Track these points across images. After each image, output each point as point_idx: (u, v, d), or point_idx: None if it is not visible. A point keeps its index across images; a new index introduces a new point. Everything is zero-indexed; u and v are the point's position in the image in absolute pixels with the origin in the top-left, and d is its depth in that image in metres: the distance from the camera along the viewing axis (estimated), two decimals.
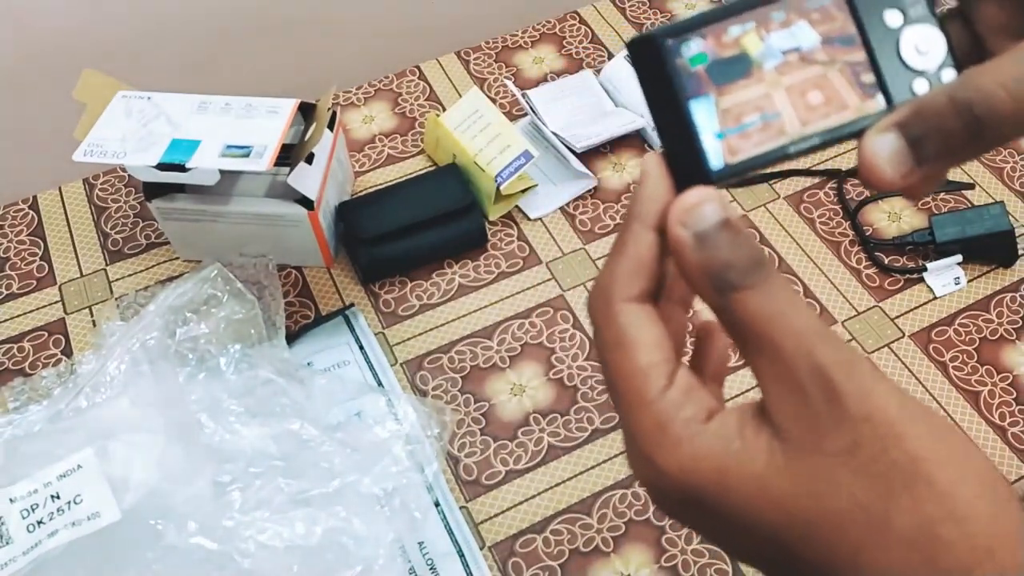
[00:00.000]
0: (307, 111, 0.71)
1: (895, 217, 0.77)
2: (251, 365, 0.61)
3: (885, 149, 0.26)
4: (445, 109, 0.86)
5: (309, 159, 0.70)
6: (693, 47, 0.28)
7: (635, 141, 0.84)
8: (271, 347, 0.64)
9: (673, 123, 0.28)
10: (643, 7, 0.97)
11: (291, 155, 0.69)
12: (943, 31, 0.29)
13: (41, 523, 0.49)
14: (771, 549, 0.24)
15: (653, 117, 0.29)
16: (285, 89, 0.77)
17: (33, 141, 0.98)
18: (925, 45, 0.29)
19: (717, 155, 0.28)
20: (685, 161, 0.28)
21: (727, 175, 0.28)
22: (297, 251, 0.73)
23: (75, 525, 0.49)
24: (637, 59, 0.29)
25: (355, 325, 0.71)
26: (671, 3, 0.97)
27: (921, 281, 0.73)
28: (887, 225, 0.77)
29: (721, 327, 0.27)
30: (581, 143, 0.80)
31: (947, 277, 0.73)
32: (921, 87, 0.29)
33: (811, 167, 0.80)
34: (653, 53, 0.28)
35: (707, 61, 0.28)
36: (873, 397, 0.23)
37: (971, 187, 0.78)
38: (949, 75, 0.29)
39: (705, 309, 0.27)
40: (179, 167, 0.64)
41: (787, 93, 0.28)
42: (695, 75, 0.28)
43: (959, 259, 0.73)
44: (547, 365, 0.69)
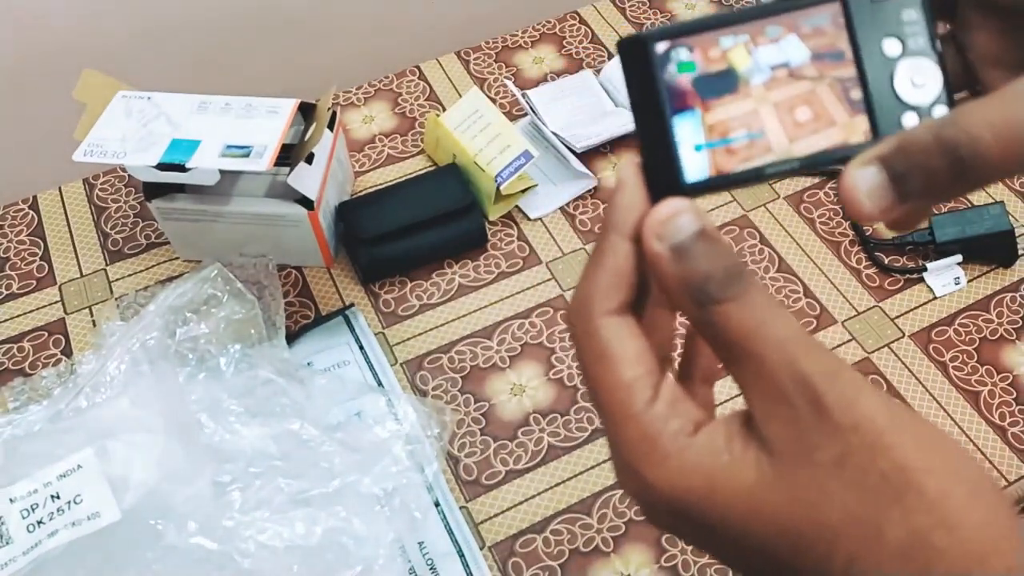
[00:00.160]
0: (307, 111, 0.71)
1: None
2: (251, 365, 0.61)
3: (866, 183, 0.25)
4: (445, 109, 0.86)
5: (309, 159, 0.70)
6: (682, 54, 0.28)
7: (635, 141, 0.84)
8: (271, 347, 0.64)
9: (652, 129, 0.28)
10: (643, 7, 0.97)
11: (291, 155, 0.69)
12: (942, 67, 0.28)
13: (41, 523, 0.49)
14: (764, 561, 0.24)
15: (634, 120, 0.28)
16: (285, 89, 0.77)
17: (33, 141, 0.98)
18: (921, 79, 0.28)
19: (693, 167, 0.28)
20: (660, 170, 0.28)
21: (701, 189, 0.27)
22: (297, 251, 0.73)
23: (75, 525, 0.49)
24: (625, 59, 0.28)
25: (355, 325, 0.71)
26: (671, 3, 0.97)
27: (921, 281, 0.73)
28: None
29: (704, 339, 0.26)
30: (581, 143, 0.80)
31: (947, 277, 0.73)
32: (910, 121, 0.28)
33: None
34: (641, 55, 0.28)
35: (695, 70, 0.27)
36: (859, 406, 0.23)
37: None
38: (941, 112, 0.28)
39: None
40: (179, 167, 0.64)
41: (774, 110, 0.28)
42: (680, 82, 0.27)
43: (959, 259, 0.73)
44: (547, 365, 0.69)
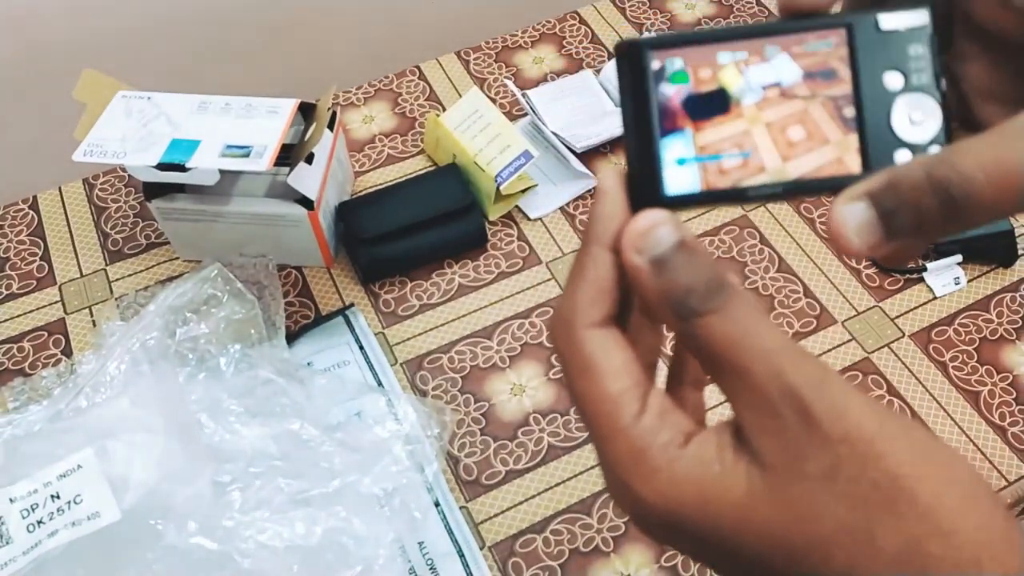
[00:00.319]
0: (307, 111, 0.71)
1: None
2: (251, 365, 0.61)
3: (854, 218, 0.25)
4: (445, 109, 0.86)
5: (309, 159, 0.70)
6: (677, 64, 0.27)
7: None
8: (271, 347, 0.64)
9: (639, 137, 0.27)
10: (643, 7, 0.97)
11: (291, 155, 0.69)
12: (943, 107, 0.27)
13: (41, 523, 0.49)
14: (759, 572, 0.24)
15: (623, 125, 0.28)
16: (285, 89, 0.77)
17: (33, 141, 0.98)
18: (920, 116, 0.27)
19: (676, 180, 0.27)
20: (642, 180, 0.27)
21: (681, 203, 0.27)
22: (297, 251, 0.73)
23: (75, 525, 0.49)
24: (621, 63, 0.28)
25: (355, 325, 0.71)
26: (671, 3, 0.97)
27: (921, 281, 0.73)
28: None
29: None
30: (581, 143, 0.80)
31: (947, 277, 0.73)
32: (903, 159, 0.27)
33: None
34: (636, 61, 0.27)
35: (688, 82, 0.27)
36: (848, 415, 0.23)
37: None
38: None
39: None
40: (179, 167, 0.64)
41: (766, 130, 0.27)
42: (672, 94, 0.27)
43: (959, 259, 0.73)
44: (547, 365, 0.69)
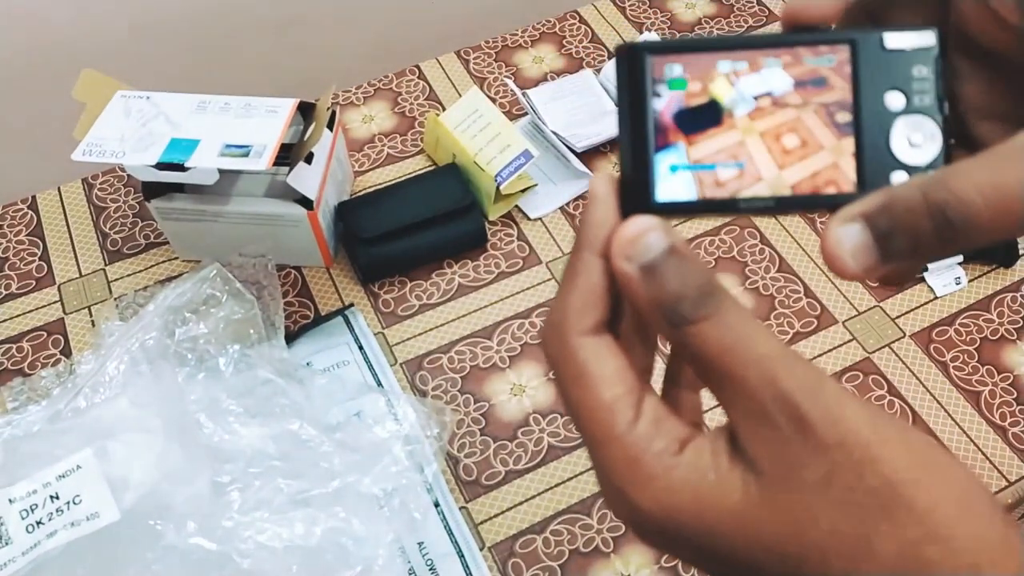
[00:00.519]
0: (306, 110, 0.71)
1: None
2: (250, 365, 0.61)
3: (850, 241, 0.24)
4: (445, 108, 0.86)
5: (308, 159, 0.70)
6: (676, 71, 0.27)
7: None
8: (270, 347, 0.64)
9: (632, 140, 0.27)
10: (643, 6, 0.97)
11: (290, 155, 0.68)
12: (944, 131, 0.26)
13: (40, 523, 0.49)
14: None
15: (618, 127, 0.28)
16: (284, 88, 0.77)
17: (32, 141, 0.98)
18: (919, 139, 0.26)
19: (667, 187, 0.27)
20: (633, 185, 0.27)
21: (671, 210, 0.27)
22: (296, 251, 0.73)
23: (74, 525, 0.49)
24: (620, 66, 0.28)
25: (354, 325, 0.71)
26: (671, 3, 0.97)
27: (922, 281, 0.73)
28: None
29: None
30: (581, 143, 0.80)
31: (948, 277, 0.73)
32: (899, 181, 0.26)
33: None
34: (635, 65, 0.27)
35: (685, 88, 0.27)
36: (843, 421, 0.23)
37: None
38: None
39: None
40: (178, 167, 0.64)
41: (760, 141, 0.27)
42: (667, 99, 0.27)
43: (959, 259, 0.73)
44: (547, 365, 0.69)
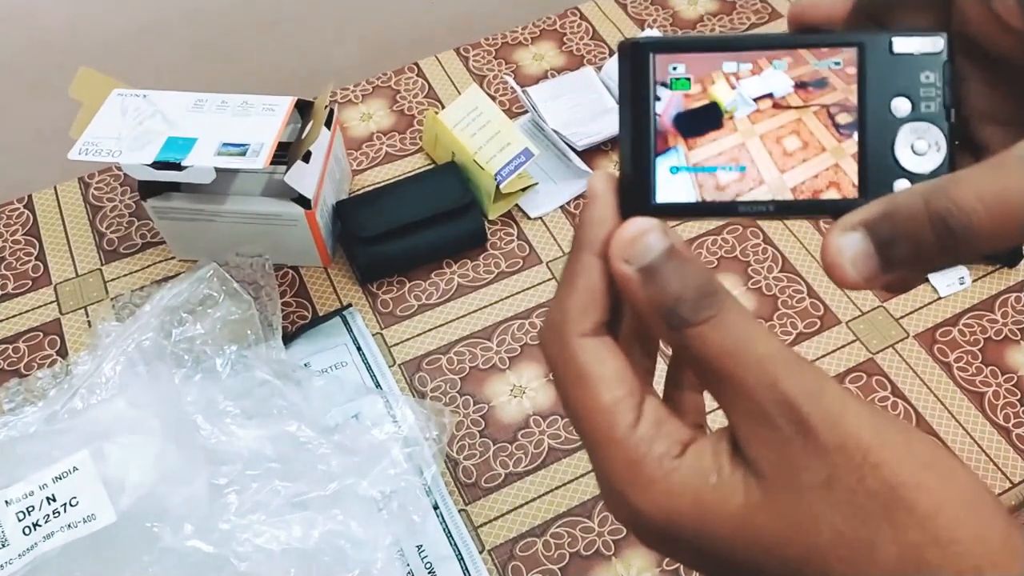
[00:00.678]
0: (304, 109, 0.70)
1: None
2: (247, 366, 0.61)
3: (851, 249, 0.24)
4: (444, 107, 0.85)
5: (306, 157, 0.69)
6: (680, 71, 0.27)
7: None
8: (268, 348, 0.64)
9: (634, 139, 0.27)
10: (645, 3, 0.96)
11: (288, 153, 0.68)
12: (949, 139, 0.26)
13: (37, 525, 0.49)
14: None
15: (619, 126, 0.27)
16: (282, 86, 0.77)
17: (28, 140, 0.97)
18: (924, 147, 0.26)
19: (667, 188, 0.27)
20: (633, 185, 0.27)
21: (670, 213, 0.27)
22: (294, 250, 0.72)
23: (71, 527, 0.49)
24: (623, 63, 0.27)
25: (353, 326, 0.70)
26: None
27: (925, 281, 0.72)
28: None
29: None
30: (582, 141, 0.80)
31: (952, 277, 0.72)
32: (902, 189, 0.26)
33: None
34: (638, 63, 0.27)
35: (689, 88, 0.27)
36: (844, 424, 0.23)
37: None
38: None
39: None
40: (175, 165, 0.64)
41: (763, 143, 0.27)
42: (670, 100, 0.27)
43: None
44: (546, 366, 0.68)
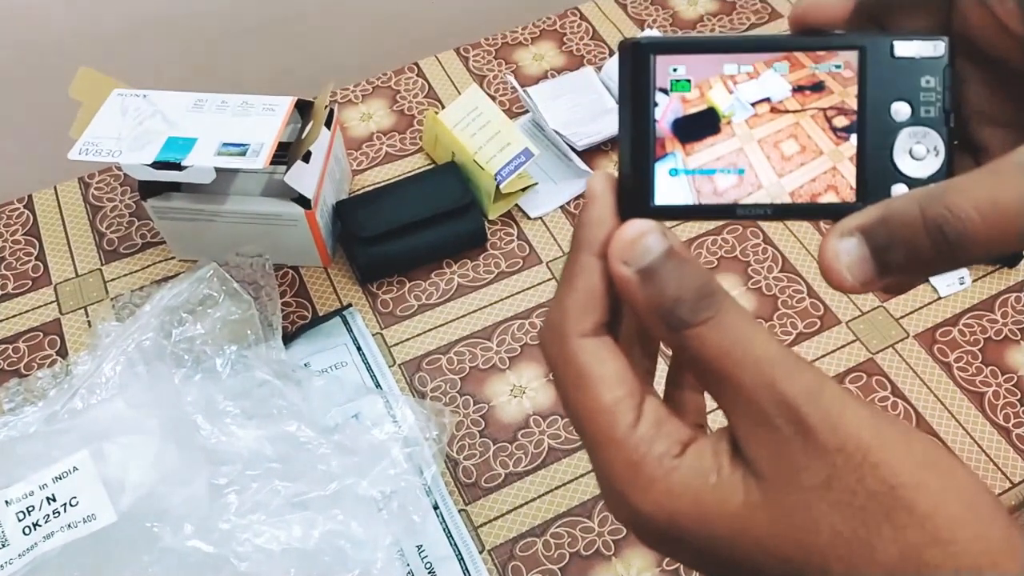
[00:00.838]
0: (304, 109, 0.70)
1: None
2: (247, 366, 0.61)
3: (848, 255, 0.24)
4: (444, 106, 0.85)
5: (306, 157, 0.69)
6: (681, 72, 0.27)
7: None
8: (268, 348, 0.64)
9: (633, 141, 0.27)
10: (644, 3, 0.96)
11: (288, 153, 0.68)
12: (948, 145, 0.26)
13: (37, 525, 0.49)
14: None
15: (619, 126, 0.27)
16: (282, 86, 0.77)
17: (28, 139, 0.97)
18: (922, 152, 0.26)
19: (666, 190, 0.27)
20: (632, 186, 0.27)
21: (668, 214, 0.27)
22: (294, 250, 0.72)
23: (71, 527, 0.49)
24: (623, 63, 0.27)
25: (353, 326, 0.70)
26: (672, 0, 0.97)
27: (925, 281, 0.72)
28: None
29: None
30: (582, 141, 0.80)
31: (952, 277, 0.72)
32: (899, 193, 0.26)
33: None
34: (639, 63, 0.27)
35: (689, 90, 0.27)
36: (844, 425, 0.23)
37: None
38: None
39: None
40: (175, 165, 0.64)
41: (761, 147, 0.27)
42: (667, 105, 0.27)
43: None
44: (546, 367, 0.68)
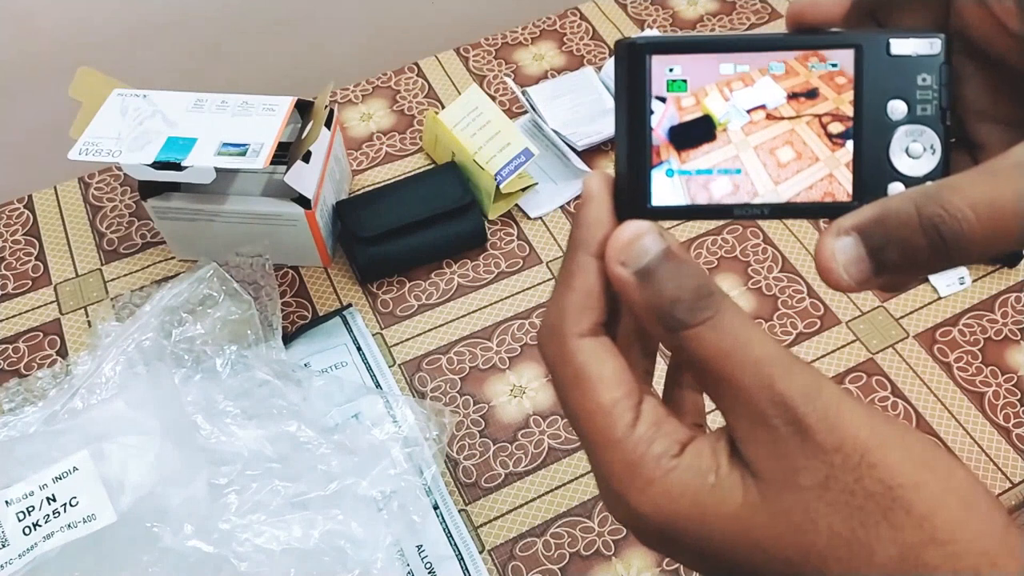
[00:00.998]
0: (304, 108, 0.70)
1: None
2: (247, 366, 0.61)
3: (844, 254, 0.24)
4: (444, 107, 0.85)
5: (306, 157, 0.69)
6: (677, 72, 0.27)
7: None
8: (268, 348, 0.64)
9: (629, 141, 0.27)
10: (644, 3, 0.96)
11: (288, 153, 0.68)
12: (944, 143, 0.26)
13: (37, 525, 0.49)
14: None
15: (615, 126, 0.27)
16: (282, 86, 0.77)
17: (28, 140, 0.97)
18: (919, 150, 0.26)
19: (662, 191, 0.27)
20: (628, 187, 0.27)
21: (665, 215, 0.27)
22: (294, 250, 0.72)
23: (71, 527, 0.49)
24: (619, 64, 0.27)
25: (353, 326, 0.70)
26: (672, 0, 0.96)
27: (925, 281, 0.72)
28: None
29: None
30: (582, 141, 0.80)
31: (951, 277, 0.72)
32: (896, 192, 0.26)
33: None
34: (635, 64, 0.27)
35: (685, 90, 0.27)
36: (842, 425, 0.23)
37: None
38: None
39: None
40: (175, 165, 0.64)
41: (755, 151, 0.27)
42: (663, 112, 0.27)
43: None
44: (545, 367, 0.68)
